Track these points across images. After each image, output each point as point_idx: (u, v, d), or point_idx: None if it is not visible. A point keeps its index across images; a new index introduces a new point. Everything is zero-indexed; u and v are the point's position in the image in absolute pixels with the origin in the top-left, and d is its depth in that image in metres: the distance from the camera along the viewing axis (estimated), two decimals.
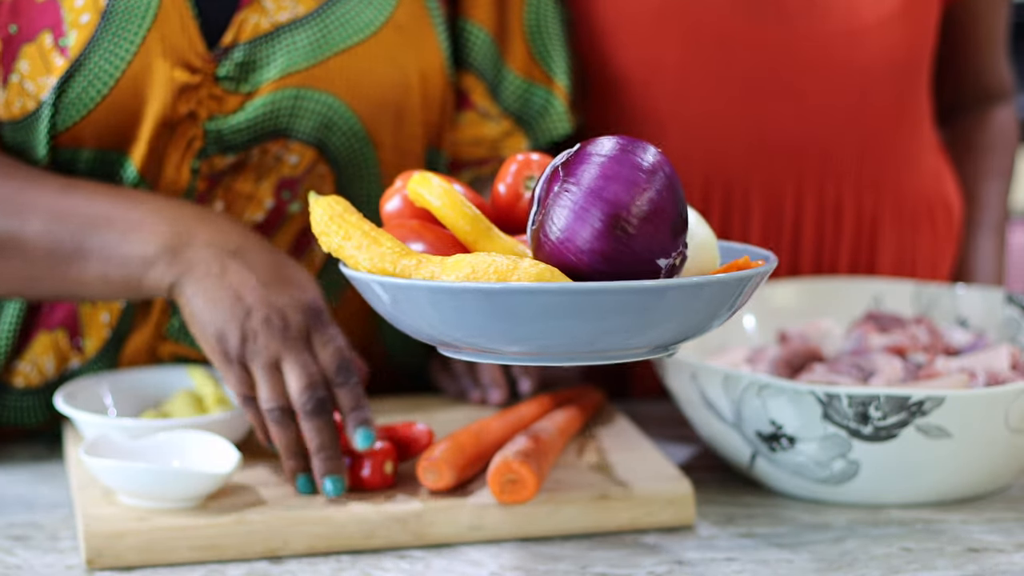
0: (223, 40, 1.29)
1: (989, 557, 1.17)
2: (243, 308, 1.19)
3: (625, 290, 0.96)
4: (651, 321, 0.98)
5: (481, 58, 1.40)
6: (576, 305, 0.96)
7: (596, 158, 1.00)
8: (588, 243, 0.98)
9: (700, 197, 1.52)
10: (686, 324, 1.00)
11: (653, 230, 0.98)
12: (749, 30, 1.49)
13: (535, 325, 0.97)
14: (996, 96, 1.69)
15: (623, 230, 0.98)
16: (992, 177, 1.69)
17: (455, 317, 0.99)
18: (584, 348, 0.99)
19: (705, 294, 0.99)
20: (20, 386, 1.36)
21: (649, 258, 0.99)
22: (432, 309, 0.99)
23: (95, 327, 1.34)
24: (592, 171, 0.99)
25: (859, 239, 1.56)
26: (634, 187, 0.98)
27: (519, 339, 0.99)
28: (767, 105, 1.51)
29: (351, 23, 1.31)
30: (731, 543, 1.19)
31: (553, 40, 1.43)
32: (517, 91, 1.42)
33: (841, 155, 1.54)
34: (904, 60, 1.54)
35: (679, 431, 1.42)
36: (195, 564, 1.14)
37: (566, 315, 0.97)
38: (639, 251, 0.98)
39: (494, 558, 1.16)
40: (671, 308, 0.98)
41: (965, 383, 1.25)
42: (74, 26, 1.24)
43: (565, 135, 1.44)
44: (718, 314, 1.02)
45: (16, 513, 1.24)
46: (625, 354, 1.01)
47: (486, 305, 0.97)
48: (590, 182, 0.99)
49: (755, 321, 1.46)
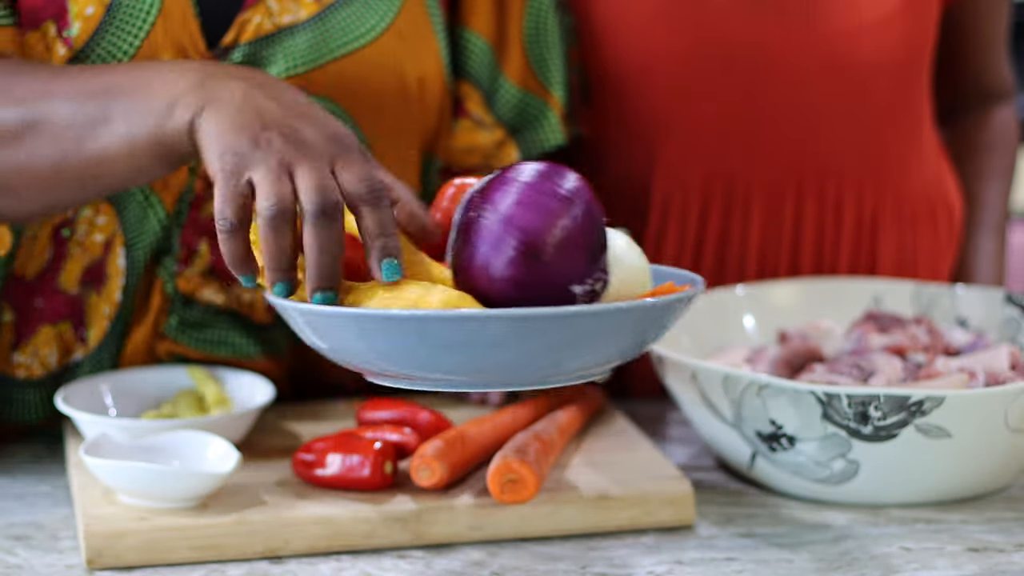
0: (224, 40, 1.29)
1: (989, 557, 1.17)
2: (260, 124, 1.05)
3: (514, 317, 0.96)
4: (559, 348, 0.98)
5: (478, 66, 1.40)
6: (468, 333, 0.96)
7: (513, 185, 1.01)
8: (502, 271, 0.99)
9: (700, 197, 1.52)
10: (604, 350, 1.01)
11: (567, 257, 0.99)
12: (749, 30, 1.49)
13: (435, 352, 0.98)
14: (996, 96, 1.69)
15: (536, 258, 0.99)
16: (992, 177, 1.69)
17: (363, 343, 0.99)
18: (493, 376, 1.00)
19: (610, 321, 0.99)
20: (21, 377, 1.36)
21: (564, 284, 1.00)
22: (343, 335, 1.00)
23: (98, 317, 1.34)
24: (508, 199, 1.00)
25: (859, 239, 1.56)
26: (548, 214, 0.99)
27: (423, 366, 0.99)
28: (767, 105, 1.51)
29: (352, 28, 1.31)
30: (731, 543, 1.19)
31: (551, 50, 1.43)
32: (512, 100, 1.42)
33: (841, 155, 1.54)
34: (904, 59, 1.54)
35: (679, 431, 1.42)
36: (195, 564, 1.14)
37: (462, 343, 0.97)
38: (553, 278, 0.99)
39: (494, 558, 1.16)
40: (581, 335, 0.98)
41: (965, 383, 1.25)
42: (79, 18, 1.25)
43: (558, 146, 1.44)
44: (633, 341, 1.02)
45: (16, 513, 1.24)
46: (542, 381, 1.01)
47: (395, 331, 0.97)
48: (506, 210, 1.00)
49: (755, 321, 1.46)
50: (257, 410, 1.28)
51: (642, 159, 1.53)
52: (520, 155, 1.42)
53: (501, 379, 1.00)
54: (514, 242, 0.99)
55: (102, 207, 1.31)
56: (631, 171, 1.53)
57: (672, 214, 1.53)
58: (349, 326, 0.99)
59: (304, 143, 1.04)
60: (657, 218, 1.54)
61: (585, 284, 1.00)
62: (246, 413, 1.28)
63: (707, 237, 1.53)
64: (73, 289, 1.33)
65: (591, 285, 1.01)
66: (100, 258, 1.32)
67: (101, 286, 1.33)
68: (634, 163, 1.53)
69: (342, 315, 1.00)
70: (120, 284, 1.33)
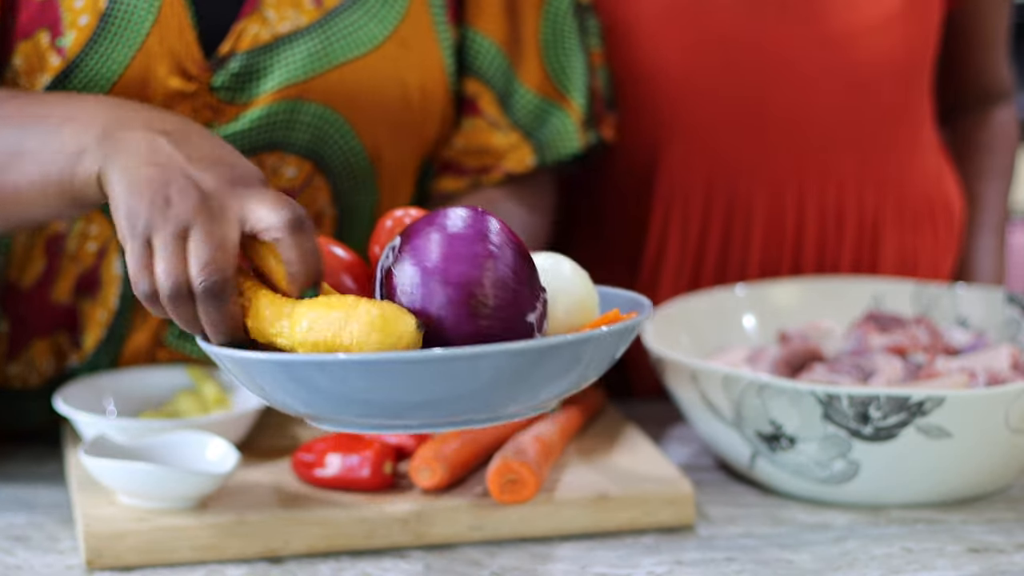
0: (221, 49, 1.27)
1: (990, 557, 1.17)
2: (162, 181, 1.03)
3: (467, 356, 0.94)
4: (511, 383, 0.96)
5: (488, 66, 1.38)
6: (396, 374, 0.94)
7: (438, 234, 0.98)
8: (447, 323, 0.97)
9: (702, 199, 1.52)
10: (553, 383, 0.98)
11: (506, 297, 0.98)
12: (752, 31, 1.49)
13: (372, 397, 0.96)
14: (996, 97, 1.70)
15: (474, 306, 0.97)
16: (992, 178, 1.69)
17: (287, 390, 0.97)
18: (425, 416, 0.97)
19: (560, 353, 0.97)
20: (18, 387, 1.36)
21: (515, 318, 0.98)
22: (267, 382, 0.98)
23: (93, 323, 1.34)
24: (436, 250, 0.98)
25: (861, 239, 1.56)
26: (478, 260, 0.97)
27: (363, 411, 0.97)
28: (770, 105, 1.51)
29: (353, 36, 1.30)
30: (731, 543, 1.19)
31: (570, 56, 1.41)
32: (529, 106, 1.39)
33: (844, 155, 1.54)
34: (906, 60, 1.54)
35: (679, 431, 1.42)
36: (195, 564, 1.14)
37: (388, 384, 0.95)
38: (503, 320, 0.98)
39: (494, 558, 1.16)
40: (530, 369, 0.96)
41: (965, 383, 1.25)
42: (72, 27, 1.24)
43: (574, 153, 1.42)
44: (581, 372, 0.99)
45: (16, 513, 1.24)
46: (491, 418, 0.99)
47: (331, 376, 0.95)
48: (436, 262, 0.97)
49: (755, 321, 1.46)
50: (257, 410, 1.28)
51: (645, 160, 1.53)
52: (536, 160, 1.39)
53: (442, 420, 0.97)
54: (449, 294, 0.97)
55: (94, 216, 1.30)
56: (634, 172, 1.53)
57: (675, 214, 1.53)
58: (277, 372, 0.96)
59: (205, 196, 1.02)
60: (660, 218, 1.53)
61: (535, 311, 0.99)
62: (246, 413, 1.27)
63: (710, 237, 1.53)
64: (66, 299, 1.33)
65: (539, 309, 0.99)
66: (93, 265, 1.32)
67: (96, 293, 1.33)
68: (637, 164, 1.53)
69: (272, 362, 0.96)
70: (117, 291, 1.32)
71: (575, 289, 1.05)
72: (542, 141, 1.40)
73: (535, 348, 0.95)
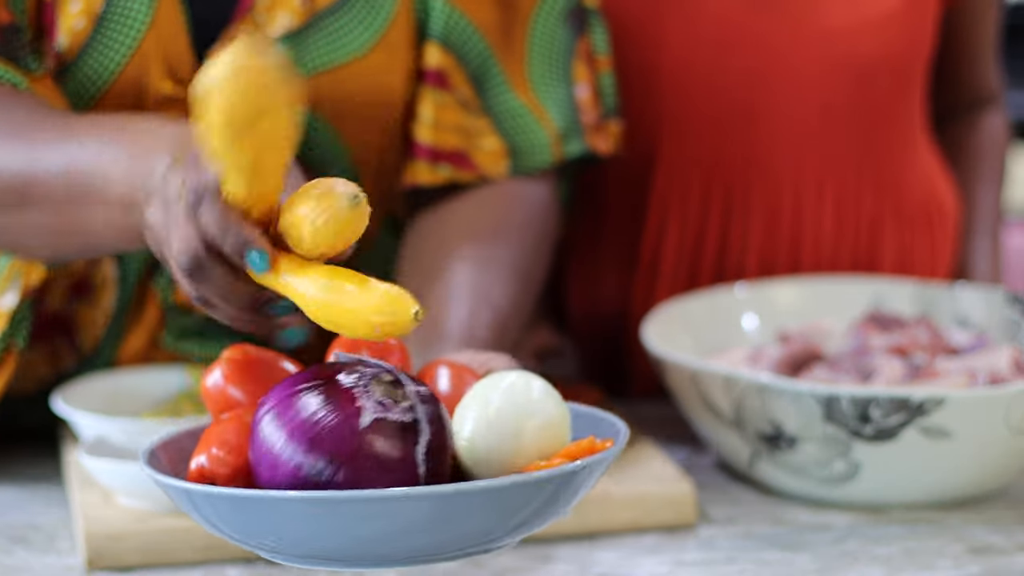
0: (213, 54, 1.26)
1: (990, 557, 1.17)
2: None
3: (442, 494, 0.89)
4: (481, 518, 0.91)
5: (459, 41, 1.33)
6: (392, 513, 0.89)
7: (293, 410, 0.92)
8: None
9: (700, 197, 1.52)
10: (510, 521, 0.92)
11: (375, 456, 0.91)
12: (750, 27, 1.49)
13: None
14: (986, 100, 1.70)
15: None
16: (985, 181, 1.70)
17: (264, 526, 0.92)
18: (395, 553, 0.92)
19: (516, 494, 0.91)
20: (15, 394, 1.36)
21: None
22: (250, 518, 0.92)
23: (90, 325, 1.34)
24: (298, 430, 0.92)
25: (859, 239, 1.56)
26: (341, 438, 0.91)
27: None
28: (767, 103, 1.51)
29: (339, 41, 1.28)
30: (731, 543, 1.19)
31: (555, 69, 1.36)
32: (510, 112, 1.34)
33: (842, 153, 1.54)
34: (904, 58, 1.54)
35: (679, 431, 1.42)
36: (195, 565, 1.14)
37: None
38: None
39: (494, 558, 1.16)
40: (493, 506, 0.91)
41: (966, 383, 1.25)
42: (67, 31, 1.24)
43: (547, 166, 1.38)
44: (552, 507, 0.93)
45: (15, 514, 1.24)
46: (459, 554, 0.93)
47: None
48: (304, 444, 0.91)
49: (755, 321, 1.46)
50: None
51: (642, 158, 1.53)
52: (510, 166, 1.34)
53: (411, 556, 0.92)
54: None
55: None
56: (631, 169, 1.53)
57: (672, 212, 1.53)
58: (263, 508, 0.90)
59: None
60: (657, 217, 1.53)
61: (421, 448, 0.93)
62: None
63: (707, 235, 1.53)
64: (60, 306, 1.33)
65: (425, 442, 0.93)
66: (84, 272, 1.31)
67: (90, 297, 1.32)
68: (634, 161, 1.53)
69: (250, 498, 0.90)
70: (114, 295, 1.32)
71: (547, 409, 0.96)
72: (517, 151, 1.35)
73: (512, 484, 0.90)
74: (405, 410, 0.92)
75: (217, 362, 1.00)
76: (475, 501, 0.89)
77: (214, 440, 0.95)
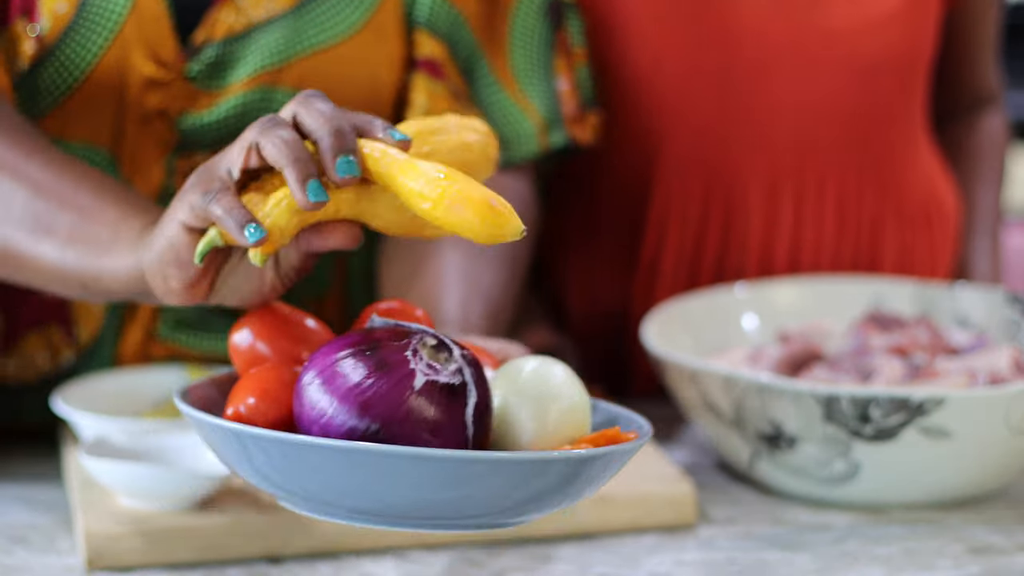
0: (196, 38, 1.27)
1: (990, 557, 1.17)
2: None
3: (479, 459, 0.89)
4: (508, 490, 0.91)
5: (449, 30, 1.33)
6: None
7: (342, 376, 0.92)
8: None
9: (701, 197, 1.52)
10: (521, 499, 0.92)
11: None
12: (753, 26, 1.49)
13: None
14: (986, 101, 1.70)
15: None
16: (984, 181, 1.70)
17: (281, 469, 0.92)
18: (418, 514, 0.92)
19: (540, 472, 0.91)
20: (13, 384, 1.36)
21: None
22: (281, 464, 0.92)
23: (87, 316, 1.34)
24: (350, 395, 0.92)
25: (860, 239, 1.56)
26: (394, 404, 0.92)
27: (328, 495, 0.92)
28: (770, 102, 1.51)
29: (327, 23, 1.29)
30: (731, 543, 1.19)
31: (537, 62, 1.37)
32: (497, 103, 1.36)
33: (843, 152, 1.54)
34: (906, 58, 1.54)
35: (679, 431, 1.42)
36: (195, 565, 1.14)
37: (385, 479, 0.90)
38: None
39: (494, 558, 1.16)
40: (483, 481, 0.91)
41: (966, 383, 1.25)
42: (49, 14, 1.24)
43: (532, 157, 1.39)
44: (573, 491, 0.94)
45: (15, 514, 1.24)
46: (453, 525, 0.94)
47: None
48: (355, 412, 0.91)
49: (755, 321, 1.46)
50: None
51: (643, 158, 1.53)
52: (499, 157, 1.35)
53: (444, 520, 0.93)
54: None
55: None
56: (632, 169, 1.53)
57: (672, 213, 1.53)
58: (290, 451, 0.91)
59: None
60: (657, 217, 1.53)
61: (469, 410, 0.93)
62: None
63: (708, 235, 1.53)
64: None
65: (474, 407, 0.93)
66: None
67: None
68: (635, 161, 1.53)
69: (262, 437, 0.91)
70: None
71: (568, 394, 0.97)
72: (504, 142, 1.35)
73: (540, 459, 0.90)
74: (454, 372, 0.92)
75: (244, 318, 1.01)
76: (528, 471, 0.90)
77: (251, 390, 0.95)
